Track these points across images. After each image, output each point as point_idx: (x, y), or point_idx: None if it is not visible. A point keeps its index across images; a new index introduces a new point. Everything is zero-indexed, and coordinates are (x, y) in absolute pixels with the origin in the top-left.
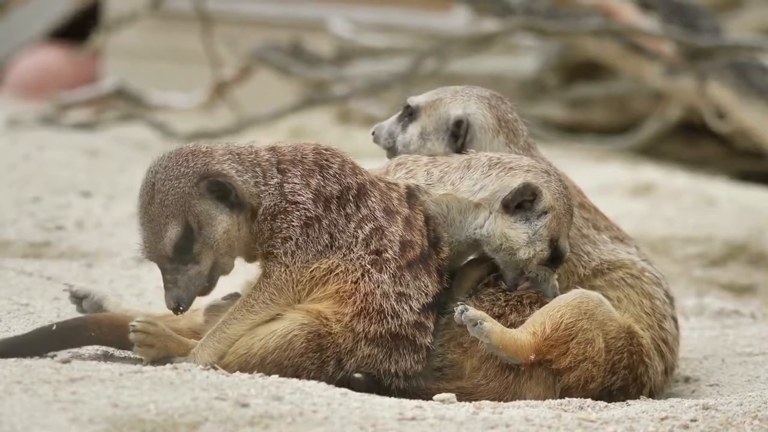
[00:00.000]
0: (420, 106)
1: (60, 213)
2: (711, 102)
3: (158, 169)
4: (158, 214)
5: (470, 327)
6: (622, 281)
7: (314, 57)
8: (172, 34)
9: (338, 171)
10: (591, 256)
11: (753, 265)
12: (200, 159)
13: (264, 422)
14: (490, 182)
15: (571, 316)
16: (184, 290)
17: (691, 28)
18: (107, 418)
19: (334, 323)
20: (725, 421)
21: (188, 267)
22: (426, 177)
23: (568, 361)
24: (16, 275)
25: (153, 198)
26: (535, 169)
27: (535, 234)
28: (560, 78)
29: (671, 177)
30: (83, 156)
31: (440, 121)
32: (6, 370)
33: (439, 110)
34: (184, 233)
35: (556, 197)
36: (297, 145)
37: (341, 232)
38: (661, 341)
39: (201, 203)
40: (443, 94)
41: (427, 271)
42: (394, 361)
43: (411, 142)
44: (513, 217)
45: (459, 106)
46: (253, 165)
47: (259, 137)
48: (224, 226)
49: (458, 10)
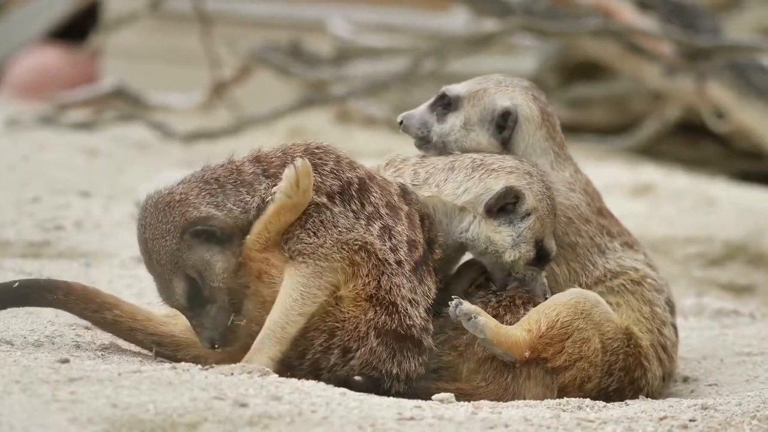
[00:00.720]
0: (461, 96)
1: (59, 213)
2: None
3: (145, 225)
4: (160, 271)
5: (465, 321)
6: (622, 287)
7: (313, 57)
8: (171, 35)
9: (335, 167)
10: (596, 266)
11: (752, 266)
12: (177, 210)
13: (263, 422)
14: (473, 185)
15: (567, 314)
16: (212, 329)
17: (691, 28)
18: (106, 418)
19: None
20: (724, 421)
21: (208, 308)
22: (412, 177)
23: (563, 360)
24: (15, 275)
25: (150, 256)
26: (518, 171)
27: (519, 236)
28: (560, 78)
29: (671, 177)
30: (82, 156)
31: (485, 112)
32: (5, 370)
33: (483, 100)
34: (189, 285)
35: (539, 198)
36: (285, 149)
37: (352, 228)
38: (660, 346)
39: (192, 254)
40: (486, 84)
41: (429, 273)
42: (397, 363)
43: (451, 132)
44: (497, 220)
45: (506, 96)
46: (236, 186)
47: (258, 137)
48: (221, 265)
49: (457, 11)
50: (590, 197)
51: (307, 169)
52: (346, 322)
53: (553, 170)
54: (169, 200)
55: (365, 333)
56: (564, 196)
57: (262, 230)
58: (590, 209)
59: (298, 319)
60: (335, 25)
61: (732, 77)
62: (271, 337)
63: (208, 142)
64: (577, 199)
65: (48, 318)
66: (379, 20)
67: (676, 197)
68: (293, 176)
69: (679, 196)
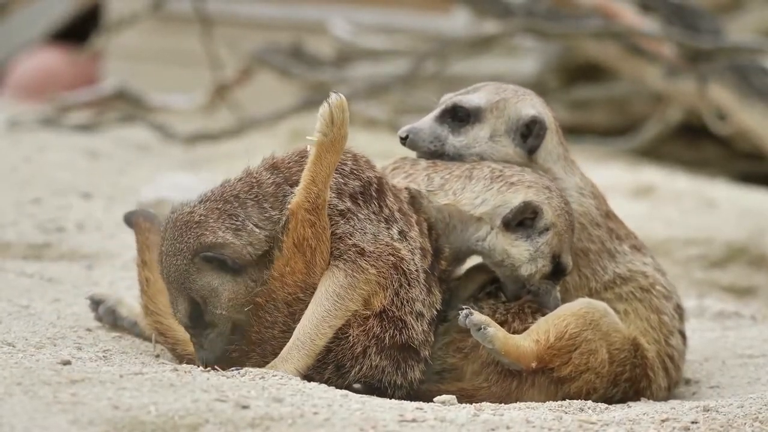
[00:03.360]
0: (482, 107)
1: (60, 214)
2: (711, 104)
3: (164, 238)
4: (170, 288)
5: (474, 331)
6: (631, 294)
7: (314, 58)
8: (172, 36)
9: (354, 167)
10: (606, 270)
11: (753, 267)
12: (193, 232)
13: (264, 424)
14: (492, 197)
15: (576, 326)
16: (209, 351)
17: (692, 29)
18: (107, 420)
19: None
20: (726, 423)
21: (208, 331)
22: (427, 182)
23: (570, 371)
24: (16, 277)
25: (163, 269)
26: (537, 185)
27: (537, 251)
28: (561, 80)
29: (672, 179)
30: (84, 157)
31: (510, 122)
32: (6, 372)
33: (507, 110)
34: (192, 307)
35: (558, 214)
36: (302, 152)
37: (378, 233)
38: (667, 357)
39: (200, 278)
40: (504, 94)
41: (435, 282)
42: (401, 374)
43: (475, 144)
44: (514, 234)
45: (528, 105)
46: (259, 201)
47: (260, 139)
48: (227, 294)
49: (458, 12)
50: (599, 201)
51: (341, 103)
52: (342, 341)
53: (566, 175)
54: (188, 219)
55: (361, 352)
56: (577, 202)
57: (309, 184)
58: (600, 213)
59: (328, 331)
60: (336, 26)
61: (733, 79)
62: (301, 348)
63: (209, 143)
64: (588, 204)
65: (50, 320)
66: (380, 22)
67: (677, 199)
68: (327, 112)
69: (680, 197)
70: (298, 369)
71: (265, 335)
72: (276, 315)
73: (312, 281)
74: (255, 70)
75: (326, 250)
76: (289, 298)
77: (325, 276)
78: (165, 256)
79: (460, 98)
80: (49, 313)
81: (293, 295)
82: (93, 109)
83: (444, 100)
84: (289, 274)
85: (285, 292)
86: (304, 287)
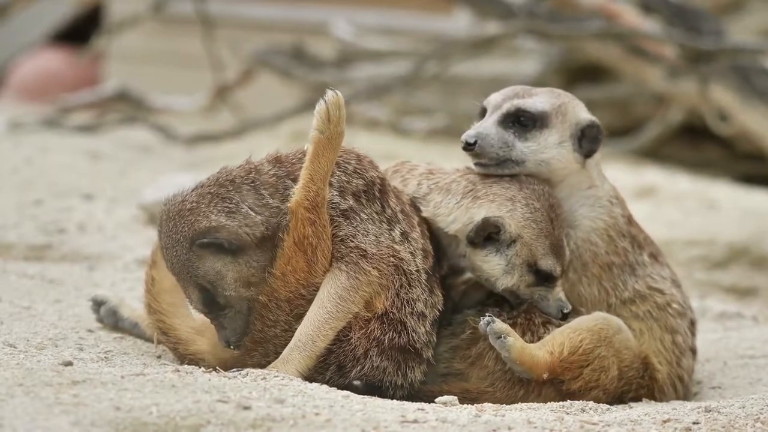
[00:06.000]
0: (548, 112)
1: (62, 216)
2: (713, 105)
3: (161, 232)
4: (178, 278)
5: (493, 339)
6: (647, 314)
7: (316, 60)
8: (174, 38)
9: (357, 166)
10: (627, 286)
11: (755, 268)
12: (186, 220)
13: (266, 425)
14: (460, 215)
15: (591, 341)
16: (230, 331)
17: (693, 31)
18: (109, 421)
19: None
20: (727, 423)
21: (225, 311)
22: (415, 188)
23: (579, 386)
24: (17, 278)
25: (167, 264)
26: (500, 198)
27: (508, 264)
28: (562, 81)
29: (673, 180)
30: (85, 159)
31: (573, 127)
32: (8, 373)
33: (568, 115)
34: (203, 293)
35: (522, 225)
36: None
37: (380, 234)
38: (677, 378)
39: (202, 264)
40: (562, 98)
41: (437, 283)
42: (402, 375)
43: (545, 149)
44: (484, 250)
45: (582, 109)
46: (256, 187)
47: (261, 140)
48: (232, 275)
49: (460, 13)
50: (622, 205)
51: (337, 100)
52: (344, 343)
53: (602, 182)
54: (180, 209)
55: (363, 354)
56: (608, 213)
57: (307, 182)
58: (625, 221)
59: (330, 333)
60: (338, 27)
61: (735, 80)
62: (302, 350)
63: (211, 144)
64: (617, 213)
65: (51, 321)
66: (381, 23)
67: (679, 200)
68: (323, 109)
69: (681, 198)
70: (299, 370)
71: (267, 334)
72: (278, 314)
73: (314, 279)
74: (256, 71)
75: (327, 248)
76: (291, 297)
77: (327, 278)
78: (165, 249)
79: (522, 102)
80: (51, 315)
81: (295, 294)
82: (94, 111)
83: (496, 103)
84: (290, 272)
85: (287, 291)
86: (306, 285)
